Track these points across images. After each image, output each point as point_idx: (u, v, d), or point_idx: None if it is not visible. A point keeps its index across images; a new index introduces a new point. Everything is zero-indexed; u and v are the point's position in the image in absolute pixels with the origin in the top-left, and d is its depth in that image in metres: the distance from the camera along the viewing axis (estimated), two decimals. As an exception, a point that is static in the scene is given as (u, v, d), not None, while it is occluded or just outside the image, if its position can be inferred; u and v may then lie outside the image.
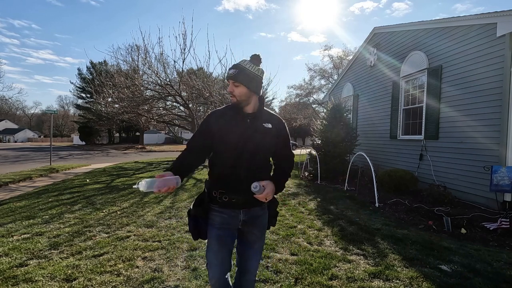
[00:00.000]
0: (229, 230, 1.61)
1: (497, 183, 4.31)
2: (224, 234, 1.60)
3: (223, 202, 1.58)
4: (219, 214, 1.59)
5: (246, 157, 1.54)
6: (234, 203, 1.57)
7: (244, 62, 1.58)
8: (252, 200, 1.56)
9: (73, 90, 45.12)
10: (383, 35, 8.71)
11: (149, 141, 46.60)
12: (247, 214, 1.61)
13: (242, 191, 1.55)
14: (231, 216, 1.59)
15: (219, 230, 1.59)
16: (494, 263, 2.88)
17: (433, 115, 6.34)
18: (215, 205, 1.60)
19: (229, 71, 1.56)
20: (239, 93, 1.56)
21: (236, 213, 1.59)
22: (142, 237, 3.62)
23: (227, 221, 1.59)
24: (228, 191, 1.56)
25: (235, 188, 1.56)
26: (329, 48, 28.10)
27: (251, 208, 1.62)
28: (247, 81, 1.56)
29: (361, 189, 6.63)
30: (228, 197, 1.56)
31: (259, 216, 1.66)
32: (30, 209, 5.02)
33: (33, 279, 2.56)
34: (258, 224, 1.68)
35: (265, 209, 1.71)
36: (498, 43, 4.80)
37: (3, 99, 67.46)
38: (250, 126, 1.57)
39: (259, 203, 1.62)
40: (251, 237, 1.68)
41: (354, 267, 2.80)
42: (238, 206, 1.58)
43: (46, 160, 14.51)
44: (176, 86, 12.58)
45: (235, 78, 1.55)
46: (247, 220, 1.62)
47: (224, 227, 1.60)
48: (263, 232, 1.72)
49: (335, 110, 8.50)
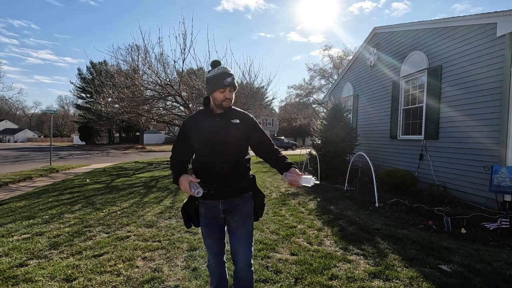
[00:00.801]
0: (213, 218, 1.80)
1: (498, 184, 4.31)
2: (209, 222, 1.81)
3: (203, 194, 1.70)
4: (203, 205, 1.80)
5: (218, 152, 1.70)
6: (212, 195, 1.73)
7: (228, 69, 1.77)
8: (229, 192, 1.75)
9: (73, 90, 45.13)
10: (383, 35, 8.71)
11: (149, 141, 46.61)
12: (225, 204, 1.76)
13: (217, 183, 1.72)
14: (212, 206, 1.77)
15: (205, 219, 1.81)
16: (494, 263, 2.88)
17: (433, 115, 6.34)
18: (200, 198, 1.76)
19: (228, 79, 1.70)
20: (233, 96, 1.77)
21: (216, 203, 1.76)
22: (142, 237, 3.62)
23: (210, 211, 1.78)
24: (206, 184, 1.71)
25: (210, 180, 1.71)
26: (329, 48, 28.16)
27: (229, 199, 1.76)
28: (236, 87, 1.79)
29: (361, 189, 6.63)
30: (206, 189, 1.70)
31: (237, 204, 1.78)
32: (30, 209, 5.02)
33: (33, 279, 2.56)
34: (238, 212, 1.79)
35: (245, 199, 1.82)
36: (498, 43, 4.80)
37: (3, 99, 67.56)
38: (219, 123, 1.74)
39: (238, 194, 1.79)
40: (233, 224, 1.80)
41: (354, 267, 2.80)
42: (216, 196, 1.74)
43: (46, 160, 14.51)
44: (176, 86, 12.58)
45: (232, 84, 1.73)
46: (226, 209, 1.77)
47: (208, 216, 1.80)
48: (245, 220, 1.81)
49: (335, 110, 8.50)
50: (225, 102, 1.72)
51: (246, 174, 1.83)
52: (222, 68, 1.74)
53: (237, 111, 1.85)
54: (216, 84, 1.71)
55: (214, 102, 1.76)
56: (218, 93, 1.72)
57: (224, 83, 1.69)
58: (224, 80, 1.69)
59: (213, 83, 1.72)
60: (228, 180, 1.74)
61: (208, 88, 1.77)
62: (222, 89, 1.71)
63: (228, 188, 1.74)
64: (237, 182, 1.78)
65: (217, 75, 1.72)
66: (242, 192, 1.81)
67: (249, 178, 1.85)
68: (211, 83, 1.74)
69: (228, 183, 1.74)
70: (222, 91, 1.71)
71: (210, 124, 1.75)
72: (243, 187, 1.82)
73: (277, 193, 6.46)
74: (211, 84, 1.74)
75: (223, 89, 1.71)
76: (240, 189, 1.80)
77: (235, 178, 1.77)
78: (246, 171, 1.83)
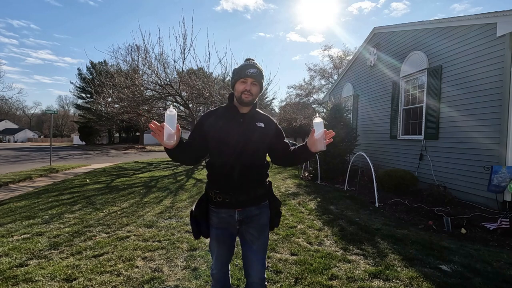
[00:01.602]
0: (227, 229, 1.64)
1: (498, 184, 4.31)
2: (222, 233, 1.64)
3: (218, 202, 1.61)
4: (216, 215, 1.63)
5: (239, 156, 1.55)
6: (228, 203, 1.59)
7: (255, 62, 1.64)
8: (247, 200, 1.61)
9: (73, 90, 45.21)
10: (383, 35, 8.71)
11: (149, 141, 46.56)
12: (242, 214, 1.62)
13: (235, 191, 1.58)
14: (227, 216, 1.62)
15: (217, 230, 1.64)
16: (494, 263, 2.88)
17: (433, 115, 6.34)
18: (213, 206, 1.63)
19: (251, 70, 1.58)
20: (255, 92, 1.62)
21: (232, 213, 1.61)
22: (142, 237, 3.62)
23: (223, 221, 1.62)
24: (222, 191, 1.59)
25: (228, 188, 1.58)
26: (329, 48, 28.12)
27: (246, 208, 1.62)
28: (262, 83, 1.65)
29: (361, 189, 6.63)
30: (222, 197, 1.59)
31: (254, 215, 1.65)
32: (30, 209, 5.02)
33: (33, 279, 2.56)
34: (255, 223, 1.66)
35: (261, 209, 1.69)
36: (498, 43, 4.80)
37: (3, 99, 67.54)
38: (243, 125, 1.60)
39: (255, 203, 1.65)
40: (249, 237, 1.67)
41: (354, 267, 2.80)
42: (232, 205, 1.60)
43: (46, 160, 14.51)
44: (176, 86, 12.58)
45: (257, 77, 1.59)
46: (242, 220, 1.63)
47: (221, 227, 1.63)
48: (261, 232, 1.69)
49: (335, 110, 8.50)
50: (244, 94, 1.58)
51: (264, 181, 1.71)
52: (250, 61, 1.64)
53: (262, 114, 1.74)
54: (238, 74, 1.60)
55: (235, 97, 1.62)
56: (238, 84, 1.60)
57: (246, 72, 1.57)
58: (246, 70, 1.58)
59: (236, 73, 1.62)
60: (247, 187, 1.61)
61: (232, 80, 1.67)
62: (243, 78, 1.58)
63: (246, 196, 1.61)
64: (256, 189, 1.66)
65: (241, 66, 1.62)
66: (259, 201, 1.68)
67: (266, 184, 1.73)
68: (234, 73, 1.64)
69: (246, 191, 1.61)
70: (243, 81, 1.59)
71: (233, 124, 1.60)
72: (261, 195, 1.69)
73: (277, 193, 6.46)
74: (234, 75, 1.64)
75: (244, 79, 1.59)
76: (258, 198, 1.67)
77: (254, 185, 1.64)
78: (265, 178, 1.71)
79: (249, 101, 1.59)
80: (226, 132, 1.57)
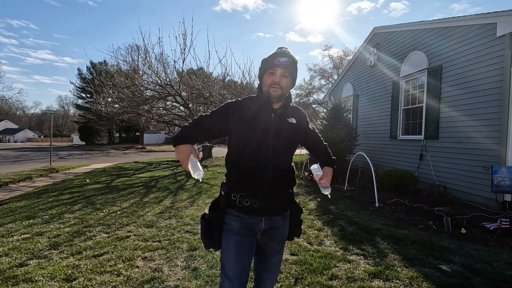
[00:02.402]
0: (249, 236, 1.42)
1: (498, 184, 4.31)
2: (244, 240, 1.40)
3: (243, 207, 1.40)
4: (238, 219, 1.40)
5: (271, 157, 1.38)
6: (256, 209, 1.39)
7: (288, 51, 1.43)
8: (275, 207, 1.44)
9: (73, 90, 45.26)
10: (383, 35, 8.71)
11: (149, 141, 46.58)
12: (268, 223, 1.44)
13: (265, 195, 1.39)
14: (252, 223, 1.42)
15: (238, 236, 1.39)
16: (494, 263, 2.88)
17: (433, 115, 6.34)
18: (233, 209, 1.42)
19: (281, 58, 1.37)
20: (286, 84, 1.41)
21: (257, 220, 1.42)
22: (142, 237, 3.61)
23: (247, 227, 1.41)
24: (250, 194, 1.39)
25: (258, 191, 1.39)
26: (329, 48, 28.18)
27: (272, 217, 1.45)
28: (295, 74, 1.45)
29: (361, 189, 6.63)
30: (249, 201, 1.39)
31: (279, 226, 1.48)
32: (30, 209, 5.02)
33: (33, 279, 2.56)
34: (278, 236, 1.49)
35: (286, 219, 1.53)
36: (498, 43, 4.80)
37: (3, 99, 67.64)
38: (274, 121, 1.42)
39: (281, 211, 1.49)
40: (270, 251, 1.50)
41: (354, 267, 2.80)
42: (260, 212, 1.40)
43: (46, 160, 14.51)
44: (176, 86, 12.58)
45: (288, 67, 1.39)
46: (267, 230, 1.45)
47: (244, 233, 1.40)
48: (282, 246, 1.55)
49: (335, 110, 8.50)
50: (272, 88, 1.38)
51: (293, 186, 1.54)
52: (282, 48, 1.42)
53: (293, 108, 1.55)
54: (267, 64, 1.40)
55: (263, 91, 1.43)
56: (267, 76, 1.41)
57: (275, 62, 1.36)
58: (276, 59, 1.37)
59: (264, 64, 1.42)
60: (278, 192, 1.44)
61: (260, 72, 1.47)
62: (271, 69, 1.38)
63: (276, 203, 1.44)
64: (285, 195, 1.49)
65: (271, 55, 1.41)
66: (284, 210, 1.51)
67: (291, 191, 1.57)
68: (262, 64, 1.44)
69: (276, 196, 1.43)
70: (272, 72, 1.39)
71: (265, 119, 1.40)
72: (286, 202, 1.52)
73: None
74: (262, 65, 1.44)
75: (272, 70, 1.38)
76: (284, 205, 1.51)
77: (284, 190, 1.49)
78: (294, 182, 1.54)
79: (278, 96, 1.39)
80: (256, 128, 1.38)
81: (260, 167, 1.38)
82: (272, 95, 1.39)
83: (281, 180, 1.43)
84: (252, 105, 1.43)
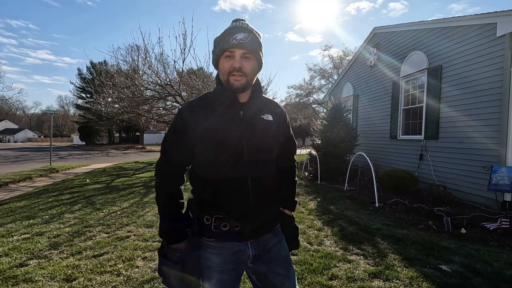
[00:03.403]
0: (234, 270, 1.14)
1: (496, 183, 4.31)
2: (229, 278, 1.13)
3: (221, 233, 1.10)
4: (218, 252, 1.11)
5: (248, 164, 1.09)
6: (238, 233, 1.11)
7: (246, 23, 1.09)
8: (262, 226, 1.17)
9: (73, 90, 45.27)
10: (383, 35, 8.71)
11: (149, 141, 46.56)
12: (257, 247, 1.16)
13: (247, 214, 1.10)
14: (236, 252, 1.12)
15: (221, 274, 1.11)
16: (494, 263, 2.88)
17: (433, 115, 6.34)
18: (211, 238, 1.12)
19: (238, 35, 1.04)
20: (250, 69, 1.08)
21: (242, 247, 1.13)
22: (142, 237, 3.62)
23: (231, 259, 1.12)
24: (230, 216, 1.10)
25: (240, 211, 1.10)
26: (329, 48, 28.13)
27: (259, 237, 1.17)
28: (259, 53, 1.10)
29: (361, 189, 6.63)
30: (228, 224, 1.10)
31: (273, 246, 1.20)
32: (30, 209, 5.02)
33: (33, 279, 2.56)
34: (276, 257, 1.20)
35: (278, 235, 1.25)
36: (498, 43, 4.80)
37: (3, 99, 67.62)
38: (245, 120, 1.11)
39: (270, 229, 1.21)
40: (276, 279, 1.18)
41: (354, 267, 2.80)
42: (243, 236, 1.12)
43: (46, 160, 14.51)
44: (176, 86, 12.58)
45: (249, 45, 1.05)
46: (259, 255, 1.16)
47: (228, 269, 1.12)
48: (288, 267, 1.23)
49: (335, 110, 8.50)
50: (233, 76, 1.05)
51: (279, 197, 1.28)
52: (238, 22, 1.08)
53: (267, 101, 1.23)
54: (220, 45, 1.07)
55: (222, 80, 1.10)
56: (223, 61, 1.08)
57: (231, 41, 1.03)
58: (231, 38, 1.03)
59: (217, 44, 1.09)
60: (263, 207, 1.15)
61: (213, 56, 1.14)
62: (228, 51, 1.05)
63: (261, 220, 1.15)
64: (272, 209, 1.22)
65: (224, 31, 1.08)
66: (274, 225, 1.24)
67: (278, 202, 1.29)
68: (216, 46, 1.11)
69: (261, 212, 1.14)
70: (229, 54, 1.05)
71: (231, 120, 1.10)
72: (274, 216, 1.25)
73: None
74: (215, 48, 1.11)
75: (229, 52, 1.05)
76: (271, 220, 1.23)
77: (271, 203, 1.21)
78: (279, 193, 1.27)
79: (241, 86, 1.07)
80: (224, 132, 1.08)
81: (237, 180, 1.09)
82: (234, 85, 1.06)
83: (265, 192, 1.14)
84: (211, 102, 1.13)
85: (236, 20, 1.09)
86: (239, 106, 1.12)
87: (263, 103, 1.19)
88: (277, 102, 1.27)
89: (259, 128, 1.13)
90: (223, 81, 1.10)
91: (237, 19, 1.10)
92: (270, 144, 1.16)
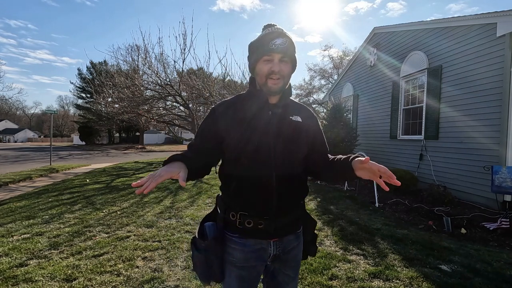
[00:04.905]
0: (254, 268, 1.17)
1: (499, 184, 4.31)
2: (249, 275, 1.17)
3: (246, 230, 1.14)
4: (240, 247, 1.15)
5: (274, 163, 1.12)
6: (262, 231, 1.14)
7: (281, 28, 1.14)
8: (285, 226, 1.18)
9: (73, 90, 45.29)
10: (383, 35, 8.71)
11: (149, 141, 46.59)
12: (279, 246, 1.18)
13: (272, 212, 1.13)
14: (258, 249, 1.16)
15: (242, 270, 1.15)
16: (494, 263, 2.88)
17: (433, 115, 6.34)
18: (235, 234, 1.16)
19: (277, 40, 1.09)
20: (287, 73, 1.14)
21: (265, 245, 1.16)
22: (142, 237, 3.62)
23: (253, 256, 1.16)
24: (253, 213, 1.13)
25: (264, 208, 1.13)
26: (329, 48, 28.20)
27: (284, 237, 1.19)
28: (295, 58, 1.16)
29: (361, 189, 6.63)
30: (252, 221, 1.13)
31: (293, 248, 1.23)
32: (30, 209, 5.02)
33: (33, 279, 2.56)
34: (292, 261, 1.24)
35: (299, 238, 1.28)
36: (498, 43, 4.80)
37: (3, 99, 67.69)
38: (273, 120, 1.15)
39: (293, 229, 1.23)
40: (283, 278, 1.24)
41: (354, 267, 2.80)
42: (268, 234, 1.15)
43: (46, 160, 14.51)
44: (176, 86, 12.57)
45: (287, 51, 1.11)
46: (278, 255, 1.19)
47: (249, 266, 1.16)
48: (297, 271, 1.29)
49: (335, 110, 8.50)
50: (271, 79, 1.11)
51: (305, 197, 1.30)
52: (273, 27, 1.14)
53: (297, 104, 1.28)
54: (260, 49, 1.11)
55: (259, 84, 1.17)
56: (261, 65, 1.12)
57: (271, 46, 1.08)
58: (270, 43, 1.09)
59: (255, 49, 1.14)
60: (288, 207, 1.18)
61: (250, 61, 1.18)
62: (267, 55, 1.10)
63: (285, 220, 1.17)
64: (297, 209, 1.24)
65: (261, 36, 1.13)
66: (297, 227, 1.26)
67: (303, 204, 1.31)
68: (253, 50, 1.16)
69: (285, 212, 1.17)
70: (268, 58, 1.10)
71: (262, 118, 1.15)
72: (299, 217, 1.26)
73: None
74: (253, 52, 1.15)
75: (268, 56, 1.10)
76: (296, 221, 1.24)
77: (296, 203, 1.23)
78: (307, 193, 1.28)
79: (278, 89, 1.13)
80: (254, 131, 1.13)
81: (262, 177, 1.12)
82: (273, 88, 1.12)
83: (290, 192, 1.16)
84: (244, 102, 1.19)
85: (270, 26, 1.16)
86: (269, 106, 1.17)
87: (292, 105, 1.25)
88: (306, 106, 1.33)
89: (286, 128, 1.17)
90: (260, 84, 1.16)
91: (269, 24, 1.17)
92: (297, 144, 1.19)
